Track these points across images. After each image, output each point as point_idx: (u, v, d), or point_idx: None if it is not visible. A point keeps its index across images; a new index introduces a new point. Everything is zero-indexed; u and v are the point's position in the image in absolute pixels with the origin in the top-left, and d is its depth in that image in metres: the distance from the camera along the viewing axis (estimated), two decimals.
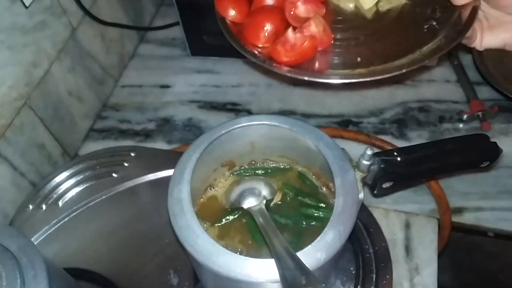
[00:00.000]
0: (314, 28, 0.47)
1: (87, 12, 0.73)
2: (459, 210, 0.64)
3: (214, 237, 0.47)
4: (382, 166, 0.43)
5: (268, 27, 0.49)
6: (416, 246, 0.61)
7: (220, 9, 0.53)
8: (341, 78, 0.46)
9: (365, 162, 0.44)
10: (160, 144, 0.76)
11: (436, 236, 0.61)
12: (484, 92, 0.76)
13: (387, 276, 0.53)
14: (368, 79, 0.46)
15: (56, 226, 0.60)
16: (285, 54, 0.47)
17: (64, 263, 0.53)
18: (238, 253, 0.40)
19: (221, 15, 0.53)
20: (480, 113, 0.71)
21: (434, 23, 0.49)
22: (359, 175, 0.45)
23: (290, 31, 0.47)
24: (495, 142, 0.46)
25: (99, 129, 0.79)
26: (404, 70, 0.45)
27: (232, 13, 0.52)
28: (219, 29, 0.67)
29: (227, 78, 0.84)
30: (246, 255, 0.40)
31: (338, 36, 0.50)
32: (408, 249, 0.60)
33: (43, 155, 0.68)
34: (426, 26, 0.49)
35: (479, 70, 0.77)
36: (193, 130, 0.77)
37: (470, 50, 0.80)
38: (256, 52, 0.49)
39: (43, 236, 0.60)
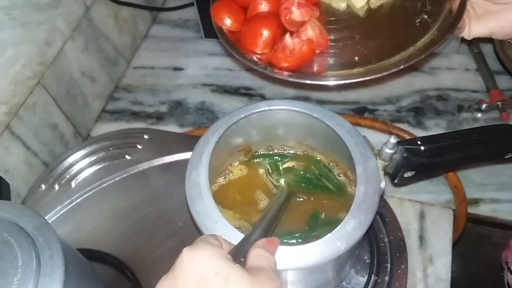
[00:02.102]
0: (311, 32, 0.48)
1: None
2: (475, 201, 0.63)
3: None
4: (405, 155, 0.42)
5: (265, 33, 0.50)
6: (431, 237, 0.60)
7: (216, 19, 0.53)
8: (341, 79, 0.47)
9: (388, 151, 0.43)
10: (172, 127, 0.75)
11: (451, 227, 0.61)
12: (504, 82, 0.74)
13: (402, 266, 0.53)
14: (367, 78, 0.47)
15: (68, 207, 0.60)
16: (284, 59, 0.48)
17: (77, 244, 0.53)
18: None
19: (217, 25, 0.53)
20: (499, 103, 0.70)
21: (426, 17, 0.50)
22: (380, 163, 0.44)
23: (287, 37, 0.48)
24: None
25: (111, 110, 0.78)
26: (401, 67, 0.46)
27: (228, 22, 0.53)
28: None
29: (240, 62, 0.83)
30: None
31: (334, 37, 0.51)
32: (422, 239, 0.60)
33: (56, 135, 0.67)
34: (418, 20, 0.50)
35: (500, 59, 0.75)
36: (205, 114, 0.77)
37: (491, 39, 0.78)
38: (256, 59, 0.50)
39: (56, 216, 0.60)
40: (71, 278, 0.39)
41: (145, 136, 0.66)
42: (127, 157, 0.64)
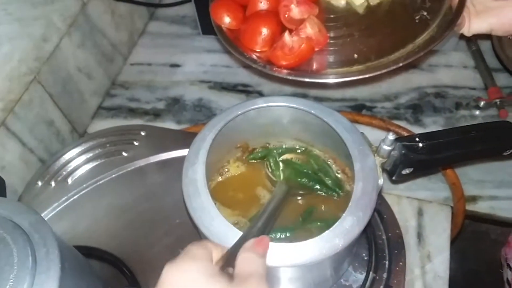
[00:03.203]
0: (310, 29, 0.48)
1: None
2: (473, 198, 0.63)
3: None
4: (403, 151, 0.42)
5: (264, 31, 0.50)
6: (429, 234, 0.60)
7: (216, 17, 0.53)
8: (340, 77, 0.47)
9: (386, 147, 0.43)
10: (169, 124, 0.75)
11: (449, 224, 0.61)
12: (503, 79, 0.74)
13: (400, 263, 0.53)
14: (366, 76, 0.47)
15: (65, 204, 0.60)
16: (284, 57, 0.48)
17: (73, 240, 0.52)
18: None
19: (216, 23, 0.53)
20: (497, 100, 0.70)
21: (425, 13, 0.50)
22: (378, 160, 0.44)
23: (286, 35, 0.48)
24: None
25: (108, 107, 0.78)
26: (400, 64, 0.46)
27: (227, 20, 0.53)
28: None
29: (238, 59, 0.82)
30: None
31: (333, 34, 0.51)
32: (420, 236, 0.60)
33: (52, 132, 0.67)
34: (417, 17, 0.51)
35: (498, 57, 0.75)
36: (203, 111, 0.76)
37: (489, 36, 0.78)
38: (255, 57, 0.50)
39: (52, 213, 0.59)
40: (67, 275, 0.39)
41: (142, 133, 0.66)
42: (124, 154, 0.63)
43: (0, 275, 0.36)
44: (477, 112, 0.71)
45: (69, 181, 0.62)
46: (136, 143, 0.65)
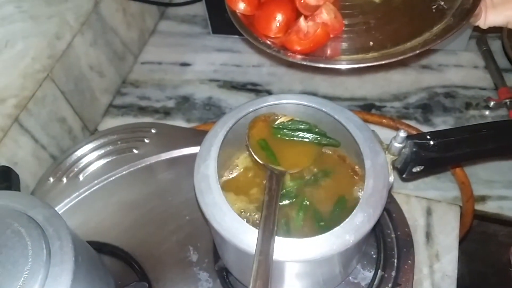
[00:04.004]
0: (326, 15, 0.48)
1: None
2: (482, 198, 0.63)
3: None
4: (414, 149, 0.42)
5: (279, 17, 0.50)
6: (437, 233, 0.60)
7: (230, 2, 0.53)
8: (355, 63, 0.47)
9: (397, 145, 0.43)
10: (179, 122, 0.75)
11: (458, 224, 0.61)
12: None
13: (409, 262, 0.53)
14: (382, 62, 0.46)
15: (76, 200, 0.61)
16: (298, 42, 0.47)
17: (85, 236, 0.53)
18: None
19: (231, 8, 0.53)
20: (508, 100, 0.69)
21: (442, 3, 0.50)
22: (389, 158, 0.44)
23: (302, 20, 0.47)
24: None
25: (119, 105, 0.79)
26: (417, 51, 0.46)
27: (242, 6, 0.53)
28: None
29: (247, 58, 0.83)
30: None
31: (348, 22, 0.51)
32: (429, 236, 0.60)
33: (64, 129, 0.68)
34: (434, 6, 0.50)
35: (508, 57, 0.75)
36: (212, 110, 0.77)
37: (500, 36, 0.78)
38: (269, 42, 0.50)
39: (64, 209, 0.60)
40: (80, 268, 0.39)
41: (153, 131, 0.66)
42: (135, 151, 0.64)
43: (15, 268, 0.37)
44: (487, 112, 0.71)
45: (81, 177, 0.62)
46: (146, 141, 0.65)
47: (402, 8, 0.52)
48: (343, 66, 0.47)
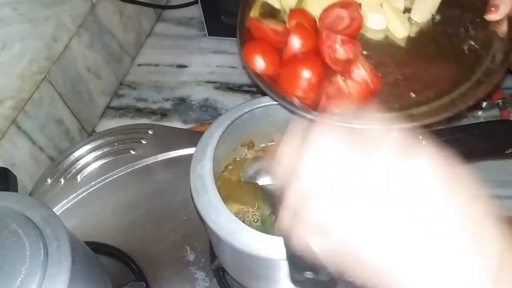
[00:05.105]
0: (364, 71, 0.44)
1: None
2: None
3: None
4: None
5: (307, 75, 0.45)
6: None
7: (250, 62, 0.48)
8: (410, 121, 0.42)
9: None
10: (176, 124, 0.76)
11: None
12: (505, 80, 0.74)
13: None
14: (436, 119, 0.42)
15: (74, 201, 0.61)
16: (341, 105, 0.43)
17: (82, 237, 0.54)
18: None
19: (251, 68, 0.48)
20: (500, 101, 0.70)
21: (472, 43, 0.47)
22: None
23: (340, 80, 0.44)
24: None
25: (116, 106, 0.79)
26: (470, 103, 0.42)
27: (262, 64, 0.48)
28: (237, 9, 0.65)
29: (240, 61, 0.84)
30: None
31: (382, 73, 0.45)
32: None
33: (61, 130, 0.68)
34: (465, 48, 0.47)
35: None
36: (209, 111, 0.77)
37: None
38: (299, 101, 0.45)
39: (61, 210, 0.61)
40: (78, 268, 0.40)
41: (150, 132, 0.67)
42: (132, 152, 0.65)
43: (13, 268, 0.37)
44: (480, 113, 0.71)
45: (78, 178, 0.63)
46: (144, 142, 0.66)
47: (432, 52, 0.48)
48: (403, 126, 0.41)
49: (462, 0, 0.51)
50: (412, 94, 0.44)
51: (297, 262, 0.34)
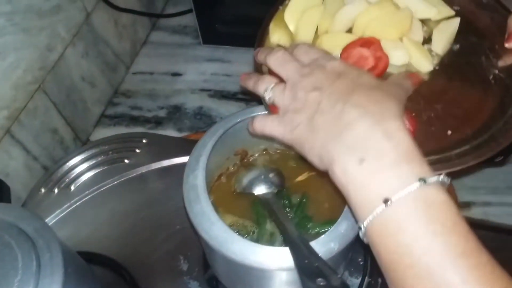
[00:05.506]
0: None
1: None
2: (467, 205, 0.64)
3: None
4: None
5: None
6: None
7: None
8: (456, 165, 0.40)
9: None
10: (170, 132, 0.76)
11: None
12: None
13: None
14: (480, 160, 0.40)
15: (68, 210, 0.61)
16: None
17: (76, 246, 0.54)
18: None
19: None
20: None
21: (497, 72, 0.45)
22: None
23: None
24: None
25: (111, 115, 0.79)
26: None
27: None
28: (231, 17, 0.66)
29: (238, 68, 0.84)
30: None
31: (414, 111, 0.44)
32: None
33: (56, 140, 0.68)
34: (491, 77, 0.45)
35: None
36: (203, 119, 0.78)
37: None
38: None
39: (55, 220, 0.60)
40: (70, 279, 0.40)
41: (144, 141, 0.67)
42: (126, 161, 0.65)
43: (5, 279, 0.37)
44: None
45: (72, 188, 0.63)
46: (138, 151, 0.66)
47: (459, 85, 0.45)
48: (448, 170, 0.39)
49: (477, 28, 0.49)
50: (449, 132, 0.42)
51: (307, 270, 0.35)
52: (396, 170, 0.31)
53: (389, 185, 0.31)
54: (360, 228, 0.33)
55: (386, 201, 0.31)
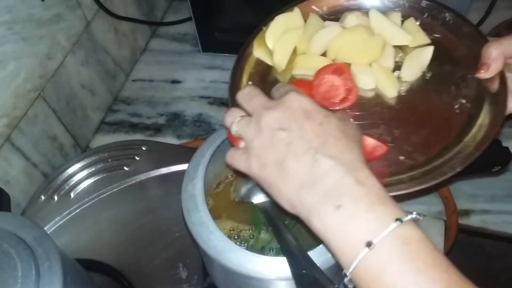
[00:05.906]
0: (370, 139, 0.43)
1: (101, 5, 0.73)
2: (466, 212, 0.64)
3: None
4: None
5: None
6: None
7: None
8: (402, 189, 0.40)
9: None
10: (170, 139, 0.76)
11: (443, 238, 0.62)
12: None
13: None
14: (425, 186, 0.40)
15: (67, 217, 0.61)
16: None
17: (75, 254, 0.54)
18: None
19: None
20: None
21: (464, 101, 0.45)
22: None
23: None
24: (507, 147, 0.47)
25: (110, 122, 0.80)
26: (458, 169, 0.40)
27: None
28: (230, 26, 0.66)
29: None
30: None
31: (376, 134, 0.44)
32: None
33: (55, 147, 0.69)
34: (457, 106, 0.45)
35: None
36: (202, 126, 0.78)
37: None
38: None
39: (55, 227, 0.61)
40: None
41: (143, 148, 0.67)
42: (126, 168, 0.65)
43: None
44: None
45: (72, 195, 0.63)
46: (137, 158, 0.66)
47: (423, 112, 0.46)
48: (395, 193, 0.40)
49: (453, 56, 0.49)
50: (401, 157, 0.43)
51: (304, 280, 0.35)
52: (373, 213, 0.32)
53: (368, 227, 0.32)
54: (345, 275, 0.33)
55: (369, 244, 0.31)
